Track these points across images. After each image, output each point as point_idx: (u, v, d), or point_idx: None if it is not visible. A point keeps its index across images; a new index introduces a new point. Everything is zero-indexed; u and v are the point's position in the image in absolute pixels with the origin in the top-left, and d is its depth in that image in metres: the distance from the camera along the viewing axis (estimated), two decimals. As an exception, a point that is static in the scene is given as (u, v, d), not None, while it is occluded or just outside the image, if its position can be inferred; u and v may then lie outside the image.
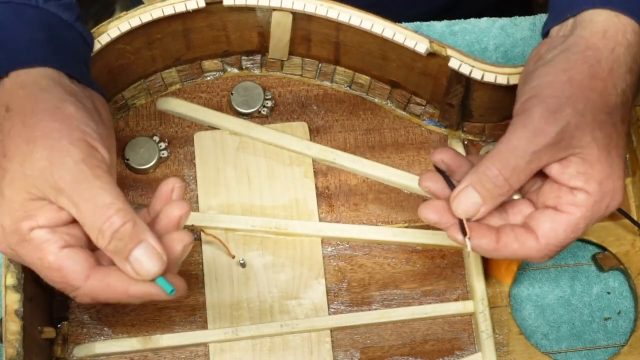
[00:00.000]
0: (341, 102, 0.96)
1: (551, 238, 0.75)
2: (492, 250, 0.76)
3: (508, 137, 0.74)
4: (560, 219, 0.75)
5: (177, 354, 0.86)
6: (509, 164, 0.73)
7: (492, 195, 0.74)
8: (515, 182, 0.74)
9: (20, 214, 0.69)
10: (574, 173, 0.74)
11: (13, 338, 0.76)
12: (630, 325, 0.92)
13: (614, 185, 0.75)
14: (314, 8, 0.86)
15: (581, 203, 0.74)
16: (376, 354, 0.88)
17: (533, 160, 0.73)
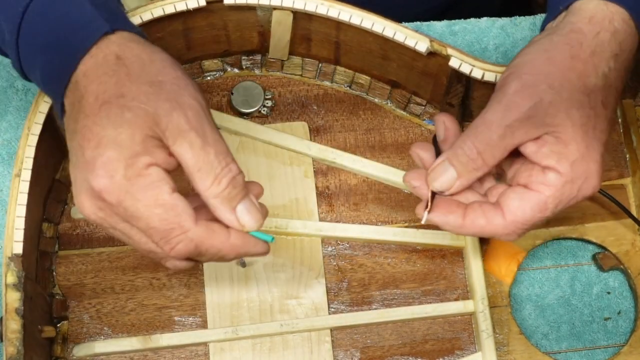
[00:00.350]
0: (341, 102, 0.96)
1: (518, 215, 0.74)
2: (458, 227, 0.76)
3: (484, 112, 0.75)
4: (528, 197, 0.74)
5: (177, 354, 0.86)
6: (482, 138, 0.74)
7: (467, 169, 0.75)
8: (490, 157, 0.74)
9: (140, 149, 0.68)
10: (547, 152, 0.73)
11: (13, 336, 0.76)
12: (630, 325, 0.92)
13: (587, 167, 0.73)
14: (315, 7, 0.86)
15: (551, 182, 0.73)
16: (376, 353, 0.88)
17: (506, 135, 0.73)
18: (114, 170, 0.67)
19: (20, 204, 0.80)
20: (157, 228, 0.69)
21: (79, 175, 0.69)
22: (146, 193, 0.68)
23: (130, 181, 0.68)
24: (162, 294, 0.88)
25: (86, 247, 0.89)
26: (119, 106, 0.69)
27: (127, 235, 0.71)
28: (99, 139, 0.68)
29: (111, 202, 0.68)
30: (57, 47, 0.73)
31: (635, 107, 0.96)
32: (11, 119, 0.94)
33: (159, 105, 0.69)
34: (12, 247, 0.79)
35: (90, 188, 0.68)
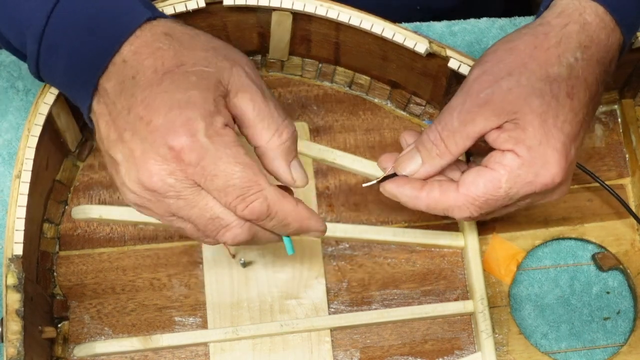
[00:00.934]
0: (341, 102, 0.96)
1: (470, 190, 0.75)
2: (414, 197, 0.77)
3: (450, 100, 0.76)
4: (483, 173, 0.75)
5: (177, 354, 0.86)
6: (445, 124, 0.75)
7: (430, 155, 0.76)
8: (452, 144, 0.75)
9: (214, 109, 0.69)
10: (506, 137, 0.74)
11: (14, 337, 0.76)
12: (629, 324, 0.92)
13: (545, 152, 0.74)
14: (314, 8, 0.86)
15: (507, 162, 0.74)
16: (376, 353, 0.88)
17: (466, 121, 0.74)
18: (195, 129, 0.68)
19: (20, 206, 0.80)
20: (236, 185, 0.69)
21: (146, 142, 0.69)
22: (226, 151, 0.69)
23: (211, 139, 0.68)
24: (162, 294, 0.88)
25: (87, 248, 0.89)
26: (182, 73, 0.70)
27: (190, 203, 0.70)
28: (170, 104, 0.69)
29: (190, 161, 0.68)
30: (95, 32, 0.73)
31: (635, 107, 0.96)
32: (12, 119, 0.94)
33: (219, 65, 0.71)
34: (12, 249, 0.79)
35: (167, 151, 0.68)
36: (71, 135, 0.88)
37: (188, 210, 0.71)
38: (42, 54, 0.76)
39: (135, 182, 0.70)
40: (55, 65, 0.76)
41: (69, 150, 0.90)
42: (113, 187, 0.91)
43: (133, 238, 0.90)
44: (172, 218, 0.73)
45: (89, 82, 0.73)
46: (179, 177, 0.69)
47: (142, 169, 0.69)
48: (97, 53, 0.72)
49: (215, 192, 0.70)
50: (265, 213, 0.71)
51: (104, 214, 0.89)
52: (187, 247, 0.90)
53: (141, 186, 0.70)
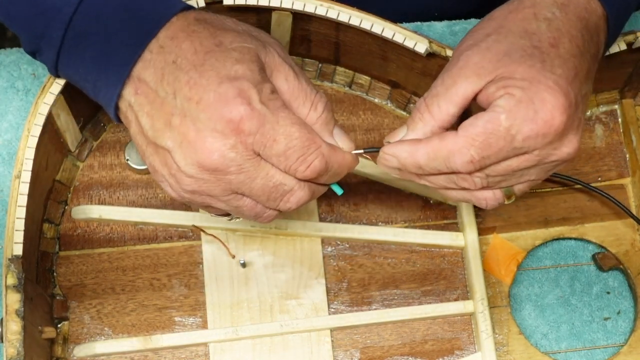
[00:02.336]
0: (341, 102, 0.96)
1: (469, 130, 0.72)
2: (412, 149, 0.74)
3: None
4: (482, 115, 0.73)
5: (177, 354, 0.86)
6: (429, 92, 0.75)
7: (414, 121, 0.76)
8: (436, 109, 0.74)
9: (261, 78, 0.71)
10: (494, 89, 0.73)
11: (14, 338, 0.76)
12: (629, 325, 0.92)
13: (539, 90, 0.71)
14: (314, 8, 0.86)
15: (503, 103, 0.72)
16: (376, 353, 0.88)
17: (450, 85, 0.74)
18: (250, 97, 0.69)
19: (20, 206, 0.80)
20: (296, 146, 0.70)
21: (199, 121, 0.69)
22: (281, 114, 0.70)
23: (266, 104, 0.70)
24: (162, 295, 0.88)
25: (87, 248, 0.89)
26: (222, 50, 0.71)
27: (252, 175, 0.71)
28: (218, 79, 0.69)
29: (250, 130, 0.69)
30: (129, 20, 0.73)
31: (635, 107, 0.96)
32: (12, 119, 0.94)
33: (254, 43, 0.72)
34: (12, 249, 0.79)
35: (224, 124, 0.69)
36: (71, 135, 0.88)
37: (250, 183, 0.72)
38: (66, 42, 0.75)
39: (193, 165, 0.70)
40: (82, 54, 0.75)
41: (69, 151, 0.90)
42: (113, 187, 0.91)
43: (133, 238, 0.90)
44: (230, 196, 0.73)
45: (122, 71, 0.73)
46: (239, 149, 0.69)
47: (200, 149, 0.69)
48: (132, 40, 0.73)
49: (275, 157, 0.70)
50: (324, 169, 0.72)
51: (104, 214, 0.89)
52: (187, 247, 0.90)
53: (200, 168, 0.70)
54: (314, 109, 0.73)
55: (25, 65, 0.96)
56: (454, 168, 0.73)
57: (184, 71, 0.70)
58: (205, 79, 0.69)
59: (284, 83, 0.73)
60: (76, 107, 0.87)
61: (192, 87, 0.70)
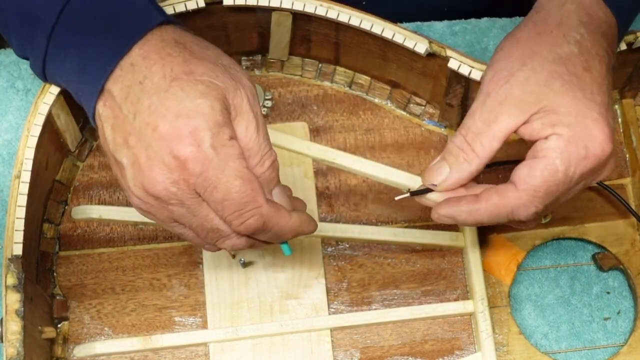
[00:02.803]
0: (341, 102, 0.96)
1: (529, 183, 0.73)
2: (473, 210, 0.75)
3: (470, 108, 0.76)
4: (536, 164, 0.73)
5: (177, 354, 0.86)
6: (469, 128, 0.74)
7: (458, 160, 0.75)
8: (479, 146, 0.74)
9: (221, 120, 0.69)
10: (540, 125, 0.73)
11: (13, 338, 0.76)
12: (629, 325, 0.92)
13: (586, 124, 0.72)
14: (314, 8, 0.86)
15: (553, 145, 0.72)
16: (376, 353, 0.88)
17: (491, 122, 0.73)
18: (202, 139, 0.68)
19: (20, 206, 0.80)
20: (234, 200, 0.69)
21: (151, 149, 0.69)
22: (229, 163, 0.69)
23: (216, 150, 0.68)
24: (162, 295, 0.88)
25: (86, 248, 0.89)
26: (190, 81, 0.69)
27: (192, 212, 0.71)
28: (177, 111, 0.68)
29: (194, 171, 0.68)
30: (105, 32, 0.73)
31: (635, 107, 0.96)
32: (12, 119, 0.94)
33: (226, 82, 0.70)
34: (12, 249, 0.79)
35: (171, 159, 0.68)
36: (71, 135, 0.88)
37: (190, 218, 0.71)
38: (49, 51, 0.76)
39: (140, 188, 0.70)
40: (63, 63, 0.76)
41: (69, 151, 0.90)
42: (113, 187, 0.91)
43: (133, 238, 0.90)
44: (174, 224, 0.73)
45: (96, 84, 0.72)
46: (181, 186, 0.69)
47: (146, 176, 0.69)
48: (106, 54, 0.72)
49: (214, 204, 0.70)
50: (260, 228, 0.71)
51: (104, 214, 0.89)
52: (187, 247, 0.90)
53: (145, 192, 0.70)
54: (260, 164, 0.72)
55: (26, 65, 0.96)
56: (517, 219, 0.75)
57: (148, 94, 0.69)
58: (165, 108, 0.68)
59: (243, 131, 0.71)
60: (76, 107, 0.86)
61: (152, 113, 0.69)
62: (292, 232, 0.74)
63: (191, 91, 0.69)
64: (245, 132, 0.71)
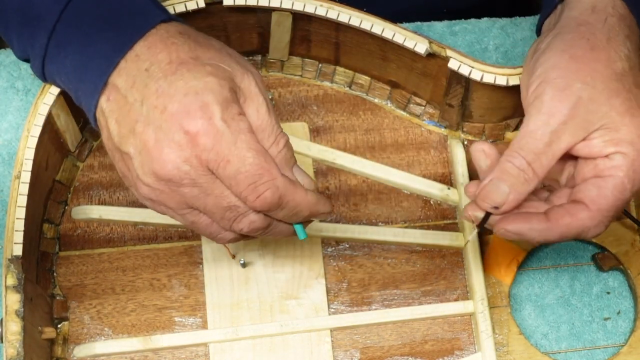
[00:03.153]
0: (341, 102, 0.96)
1: (602, 203, 0.73)
2: (544, 230, 0.74)
3: (525, 124, 0.74)
4: (605, 184, 0.73)
5: (177, 354, 0.86)
6: (529, 149, 0.73)
7: (519, 181, 0.73)
8: (539, 167, 0.73)
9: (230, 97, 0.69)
10: (602, 143, 0.73)
11: (13, 338, 0.76)
12: (629, 325, 0.92)
13: None
14: (314, 9, 0.86)
15: (620, 163, 0.73)
16: (376, 354, 0.88)
17: (553, 142, 0.73)
18: (212, 112, 0.68)
19: (20, 206, 0.80)
20: (248, 172, 0.69)
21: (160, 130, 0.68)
22: (240, 136, 0.69)
23: (226, 123, 0.68)
24: (162, 295, 0.88)
25: (87, 248, 0.89)
26: (197, 64, 0.70)
27: (205, 191, 0.70)
28: (185, 90, 0.68)
29: (205, 145, 0.68)
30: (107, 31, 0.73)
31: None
32: (12, 119, 0.94)
33: (233, 66, 0.71)
34: (12, 249, 0.79)
35: (182, 136, 0.68)
36: (71, 135, 0.88)
37: (204, 199, 0.71)
38: (49, 50, 0.76)
39: (150, 174, 0.70)
40: (63, 62, 0.75)
41: (69, 151, 0.90)
42: (113, 187, 0.91)
43: (133, 238, 0.90)
44: (186, 211, 0.72)
45: (98, 80, 0.72)
46: (193, 163, 0.68)
47: (156, 159, 0.69)
48: (110, 50, 0.72)
49: (227, 179, 0.69)
50: (277, 203, 0.71)
51: (104, 214, 0.89)
52: (187, 247, 0.90)
53: (155, 177, 0.69)
54: (276, 144, 0.72)
55: (26, 65, 0.96)
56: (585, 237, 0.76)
57: (155, 79, 0.70)
58: (173, 89, 0.69)
59: (254, 113, 0.71)
60: (76, 108, 0.86)
61: (160, 96, 0.69)
62: (309, 209, 0.73)
63: (198, 72, 0.69)
64: (257, 114, 0.71)
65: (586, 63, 0.74)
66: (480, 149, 0.77)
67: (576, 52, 0.75)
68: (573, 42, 0.75)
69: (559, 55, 0.75)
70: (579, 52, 0.75)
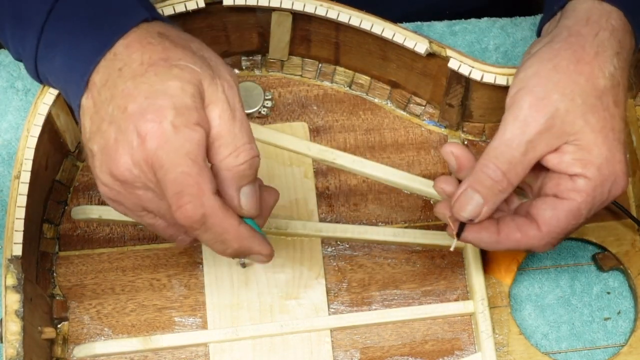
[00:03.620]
0: (341, 102, 0.96)
1: (553, 225, 0.74)
2: (493, 243, 0.75)
3: (501, 131, 0.74)
4: (561, 206, 0.74)
5: (177, 354, 0.86)
6: (504, 158, 0.73)
7: (493, 192, 0.74)
8: (514, 176, 0.73)
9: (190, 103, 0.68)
10: (570, 160, 0.73)
11: (13, 338, 0.76)
12: (630, 325, 0.92)
13: (614, 169, 0.73)
14: (314, 8, 0.86)
15: (581, 188, 0.73)
16: (376, 354, 0.88)
17: (528, 151, 0.73)
18: (164, 116, 0.67)
19: (19, 206, 0.80)
20: (176, 180, 0.66)
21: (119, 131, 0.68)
22: (185, 144, 0.66)
23: (176, 129, 0.66)
24: (162, 295, 0.88)
25: (86, 248, 0.89)
26: (166, 66, 0.69)
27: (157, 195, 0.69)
28: (147, 93, 0.68)
29: (150, 148, 0.67)
30: (91, 30, 0.73)
31: (635, 107, 0.96)
32: (11, 119, 0.94)
33: (203, 69, 0.69)
34: (11, 249, 0.79)
35: (134, 137, 0.67)
36: (71, 135, 0.88)
37: (157, 202, 0.70)
38: (40, 51, 0.76)
39: (107, 173, 0.69)
40: (52, 62, 0.76)
41: (69, 151, 0.90)
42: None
43: (133, 238, 0.90)
44: (142, 213, 0.72)
45: (82, 79, 0.72)
46: (143, 167, 0.67)
47: (112, 159, 0.68)
48: (92, 50, 0.72)
49: (162, 184, 0.67)
50: (198, 222, 0.68)
51: (104, 214, 0.89)
52: (187, 247, 0.90)
53: (112, 177, 0.69)
54: (234, 155, 0.69)
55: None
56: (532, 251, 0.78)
57: (124, 79, 0.69)
58: (137, 91, 0.68)
59: (216, 119, 0.69)
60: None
61: (125, 96, 0.68)
62: (238, 242, 0.70)
63: (164, 75, 0.68)
64: (219, 119, 0.69)
65: (568, 75, 0.74)
66: (449, 151, 0.77)
67: (560, 62, 0.74)
68: (559, 52, 0.75)
69: (544, 63, 0.75)
70: (562, 63, 0.74)
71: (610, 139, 0.73)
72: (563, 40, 0.75)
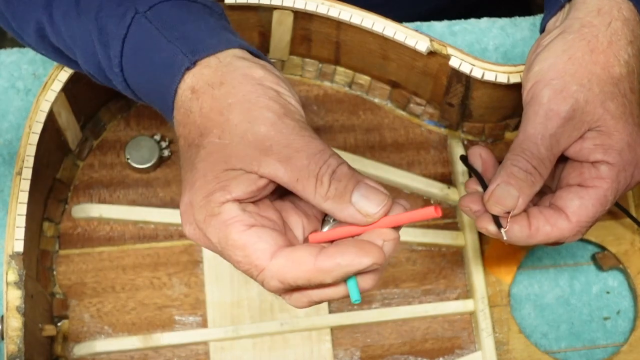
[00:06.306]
0: (341, 102, 0.96)
1: (582, 215, 0.74)
2: (526, 237, 0.75)
3: (524, 126, 0.74)
4: (587, 195, 0.74)
5: (177, 352, 0.86)
6: (532, 153, 0.73)
7: (527, 184, 0.73)
8: (543, 169, 0.74)
9: (213, 186, 0.63)
10: (591, 147, 0.74)
11: (14, 334, 0.76)
12: (629, 324, 0.92)
13: (635, 153, 0.74)
14: (315, 7, 0.86)
15: (605, 175, 0.74)
16: (376, 352, 0.88)
17: (553, 145, 0.73)
18: (189, 218, 0.64)
19: (21, 202, 0.80)
20: (241, 266, 0.63)
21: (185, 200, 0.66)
22: (219, 234, 0.63)
23: (205, 223, 0.63)
24: (162, 293, 0.88)
25: (87, 247, 0.89)
26: (196, 145, 0.65)
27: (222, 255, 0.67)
28: (184, 182, 0.66)
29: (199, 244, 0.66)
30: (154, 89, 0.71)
31: (634, 107, 0.97)
32: (12, 119, 0.94)
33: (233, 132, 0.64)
34: (13, 245, 0.79)
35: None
36: (72, 134, 0.89)
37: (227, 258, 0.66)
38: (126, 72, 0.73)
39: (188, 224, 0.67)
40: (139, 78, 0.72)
41: (70, 149, 0.90)
42: (113, 185, 0.91)
43: (133, 237, 0.90)
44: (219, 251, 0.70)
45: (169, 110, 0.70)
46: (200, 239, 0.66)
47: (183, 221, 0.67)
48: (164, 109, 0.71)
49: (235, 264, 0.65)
50: (282, 288, 0.63)
51: (104, 213, 0.89)
52: (187, 246, 0.90)
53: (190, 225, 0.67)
54: (319, 185, 0.62)
55: (26, 65, 0.96)
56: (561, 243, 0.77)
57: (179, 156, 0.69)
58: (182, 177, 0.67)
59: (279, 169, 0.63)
60: (77, 106, 0.87)
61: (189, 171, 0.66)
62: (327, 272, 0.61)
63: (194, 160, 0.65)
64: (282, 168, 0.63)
65: (584, 65, 0.74)
66: (477, 153, 0.78)
67: (575, 53, 0.75)
68: (573, 43, 0.76)
69: (558, 55, 0.75)
70: (578, 54, 0.75)
71: (631, 123, 0.74)
72: (576, 32, 0.76)
